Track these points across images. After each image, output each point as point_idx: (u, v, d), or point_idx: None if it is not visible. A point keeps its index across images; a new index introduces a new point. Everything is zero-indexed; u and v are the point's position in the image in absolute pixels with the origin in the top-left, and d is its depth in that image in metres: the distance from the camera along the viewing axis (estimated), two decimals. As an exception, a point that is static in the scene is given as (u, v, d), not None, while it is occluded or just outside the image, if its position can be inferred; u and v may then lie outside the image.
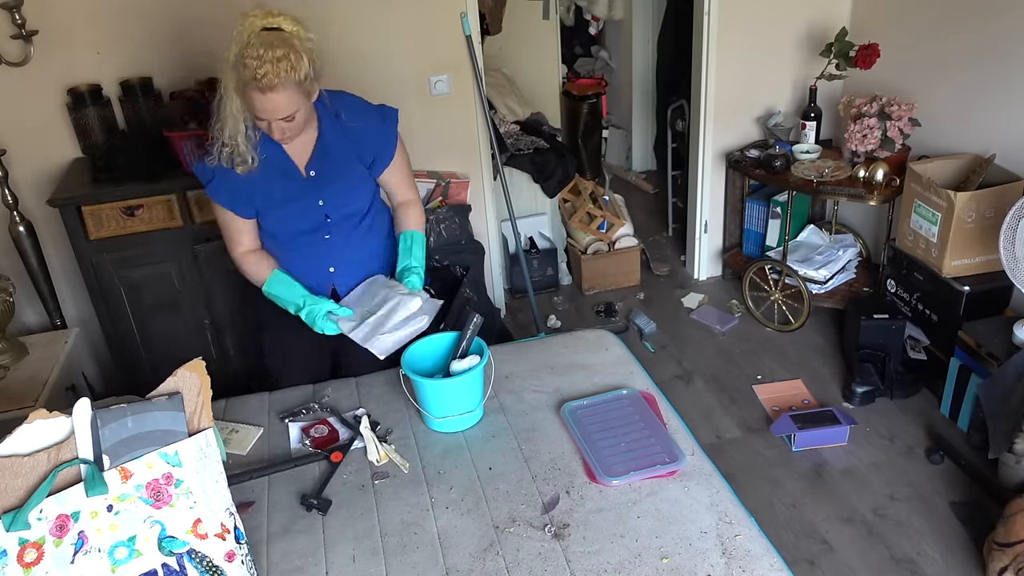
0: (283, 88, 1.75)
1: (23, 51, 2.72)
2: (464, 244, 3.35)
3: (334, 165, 2.00)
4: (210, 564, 1.41)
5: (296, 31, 1.80)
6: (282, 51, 1.73)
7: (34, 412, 1.34)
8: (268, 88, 1.74)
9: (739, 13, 3.42)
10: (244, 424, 1.96)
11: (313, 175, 1.99)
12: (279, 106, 1.78)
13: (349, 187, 2.04)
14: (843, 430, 2.74)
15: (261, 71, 1.72)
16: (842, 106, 3.24)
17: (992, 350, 2.58)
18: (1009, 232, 2.42)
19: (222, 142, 1.88)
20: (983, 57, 2.86)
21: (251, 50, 1.73)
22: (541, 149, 3.84)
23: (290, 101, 1.79)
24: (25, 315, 3.04)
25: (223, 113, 1.85)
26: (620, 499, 1.65)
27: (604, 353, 2.17)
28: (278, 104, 1.78)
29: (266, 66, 1.72)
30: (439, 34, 3.15)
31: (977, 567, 2.27)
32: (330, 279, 2.12)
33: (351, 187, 2.05)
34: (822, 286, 3.44)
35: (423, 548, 1.57)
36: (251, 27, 1.76)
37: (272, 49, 1.72)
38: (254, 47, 1.73)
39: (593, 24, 5.29)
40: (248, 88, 1.75)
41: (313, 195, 2.00)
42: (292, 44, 1.76)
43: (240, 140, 1.87)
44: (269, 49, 1.72)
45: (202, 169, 1.97)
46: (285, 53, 1.73)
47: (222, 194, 1.97)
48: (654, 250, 4.25)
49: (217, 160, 1.91)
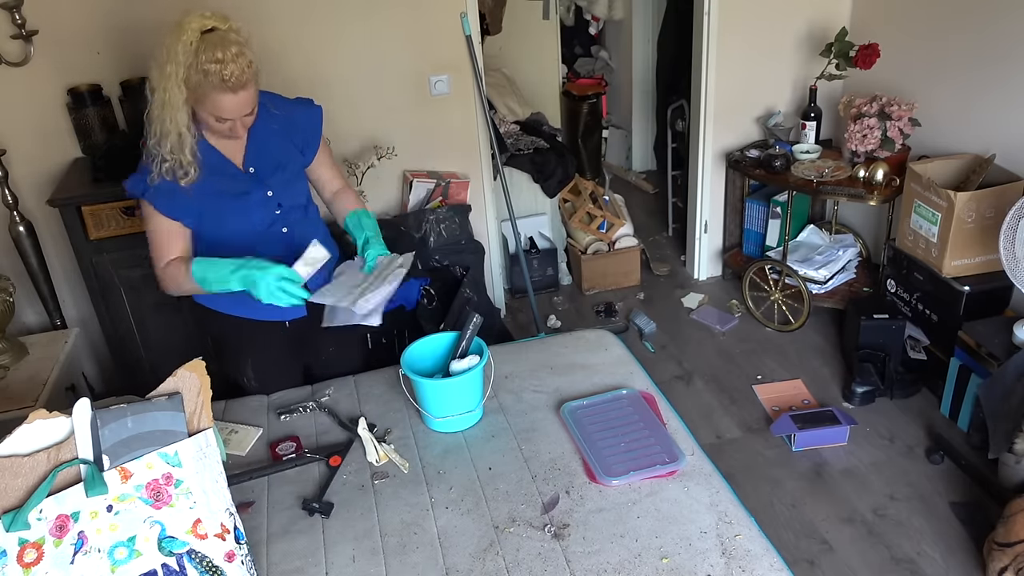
0: (251, 83, 1.75)
1: (23, 51, 2.72)
2: (464, 244, 3.35)
3: (272, 156, 1.97)
4: (210, 564, 1.41)
5: (231, 25, 1.76)
6: (236, 48, 1.70)
7: (34, 412, 1.34)
8: (239, 87, 1.72)
9: (739, 13, 3.42)
10: (244, 424, 1.96)
11: (253, 171, 1.95)
12: (247, 102, 1.77)
13: (292, 175, 2.01)
14: (843, 430, 2.74)
15: (227, 72, 1.68)
16: (842, 106, 3.24)
17: (992, 350, 2.58)
18: (1009, 232, 2.42)
19: (162, 157, 1.80)
20: (983, 57, 2.86)
21: (206, 55, 1.68)
22: (541, 149, 3.84)
23: (254, 95, 1.78)
24: (25, 315, 3.04)
25: (163, 128, 1.77)
26: (620, 499, 1.65)
27: (604, 353, 2.17)
28: (246, 100, 1.76)
29: (231, 66, 1.68)
30: (439, 34, 3.15)
31: (977, 567, 2.27)
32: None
33: (293, 175, 2.02)
34: (822, 286, 3.44)
35: (423, 548, 1.57)
36: (191, 34, 1.70)
37: (227, 48, 1.69)
38: (208, 51, 1.68)
39: (593, 24, 5.29)
40: (215, 92, 1.71)
41: (260, 188, 1.95)
42: (237, 40, 1.73)
43: (186, 152, 1.80)
44: (225, 49, 1.68)
45: (135, 181, 1.86)
46: (240, 50, 1.71)
47: (162, 201, 1.86)
48: (654, 250, 4.25)
49: (158, 177, 1.82)
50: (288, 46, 2.96)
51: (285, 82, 2.99)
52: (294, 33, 2.97)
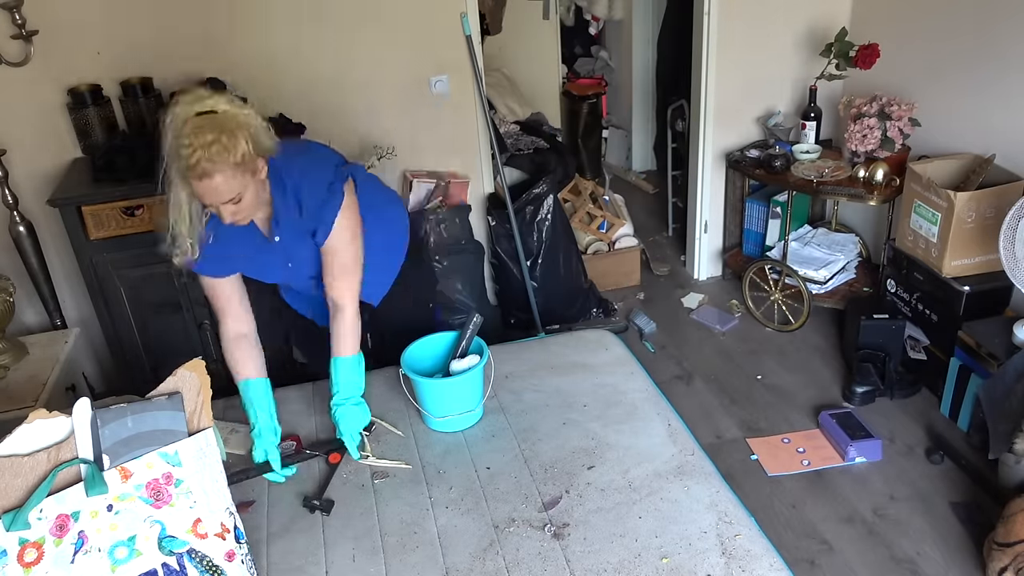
0: (219, 172, 1.66)
1: (23, 51, 2.72)
2: (464, 244, 3.35)
3: (290, 235, 1.94)
4: (210, 564, 1.41)
5: (228, 111, 1.70)
6: (212, 135, 1.65)
7: (34, 412, 1.34)
8: (204, 175, 1.66)
9: (739, 13, 3.42)
10: (244, 424, 1.96)
11: (278, 240, 1.93)
12: (219, 190, 1.70)
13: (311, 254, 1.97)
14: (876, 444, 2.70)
15: (193, 159, 1.64)
16: (842, 106, 3.24)
17: (992, 350, 2.58)
18: (1009, 232, 2.42)
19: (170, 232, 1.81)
20: (983, 57, 2.86)
21: (183, 139, 1.65)
22: (541, 149, 3.84)
23: (229, 184, 1.70)
24: (25, 315, 3.04)
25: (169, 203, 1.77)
26: (620, 499, 1.65)
27: (604, 353, 2.17)
28: (217, 188, 1.69)
29: (197, 152, 1.64)
30: (439, 34, 3.15)
31: (977, 567, 2.27)
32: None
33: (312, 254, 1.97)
34: (822, 286, 3.44)
35: (423, 548, 1.57)
36: (184, 114, 1.67)
37: (202, 135, 1.64)
38: (186, 136, 1.65)
39: (593, 24, 5.29)
40: (187, 176, 1.68)
41: (282, 257, 1.97)
42: (225, 126, 1.67)
43: (184, 229, 1.79)
44: (199, 135, 1.64)
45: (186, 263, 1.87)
46: (216, 137, 1.65)
47: (209, 268, 1.91)
48: (654, 250, 4.25)
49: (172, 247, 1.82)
50: (289, 47, 2.96)
51: (286, 83, 3.01)
52: (295, 34, 2.97)
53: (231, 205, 1.73)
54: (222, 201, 1.72)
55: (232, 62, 2.91)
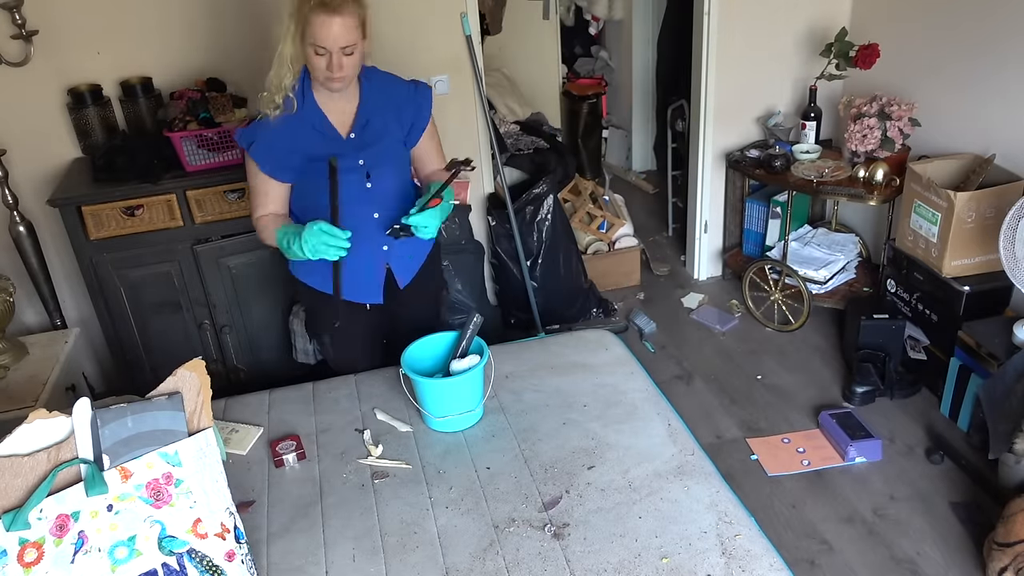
0: (348, 12, 1.80)
1: (23, 51, 2.72)
2: (464, 244, 3.35)
3: (374, 131, 2.03)
4: (210, 564, 1.41)
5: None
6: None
7: (34, 412, 1.34)
8: (334, 10, 1.78)
9: (739, 13, 3.42)
10: (244, 424, 1.96)
11: (353, 137, 2.01)
12: (344, 32, 1.81)
13: (388, 151, 2.07)
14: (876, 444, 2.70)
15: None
16: (842, 106, 3.25)
17: (992, 350, 2.58)
18: (1009, 232, 2.42)
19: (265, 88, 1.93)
20: (983, 57, 2.86)
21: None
22: (541, 149, 3.84)
23: (349, 31, 1.82)
24: (25, 315, 3.04)
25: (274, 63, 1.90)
26: (620, 499, 1.65)
27: (604, 353, 2.17)
28: (343, 29, 1.80)
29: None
30: (439, 34, 3.15)
31: (977, 567, 2.27)
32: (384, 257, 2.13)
33: (390, 152, 2.08)
34: (822, 286, 3.44)
35: (423, 548, 1.57)
36: None
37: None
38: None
39: (593, 24, 5.29)
40: (313, 13, 1.78)
41: (354, 155, 2.01)
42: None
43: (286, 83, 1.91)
44: None
45: (242, 134, 1.99)
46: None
47: (262, 157, 1.98)
48: (654, 250, 4.25)
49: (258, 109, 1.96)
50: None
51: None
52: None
53: (343, 56, 1.84)
54: (340, 45, 1.82)
55: (233, 62, 2.91)
